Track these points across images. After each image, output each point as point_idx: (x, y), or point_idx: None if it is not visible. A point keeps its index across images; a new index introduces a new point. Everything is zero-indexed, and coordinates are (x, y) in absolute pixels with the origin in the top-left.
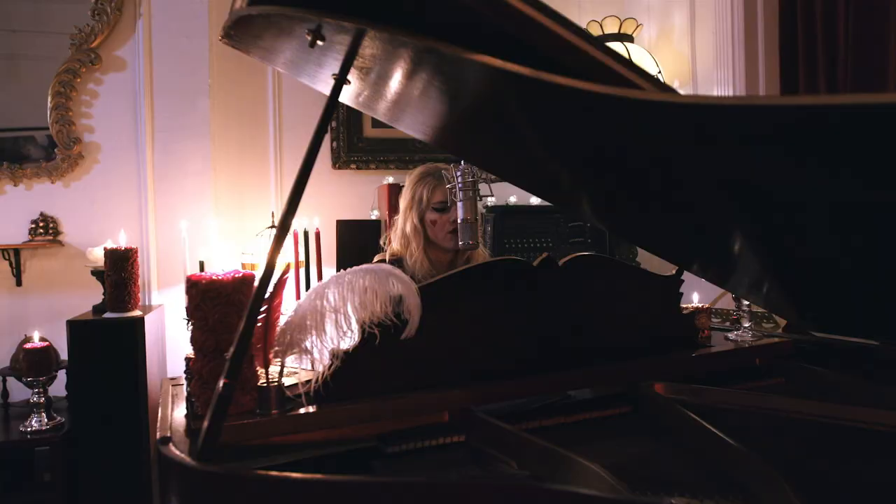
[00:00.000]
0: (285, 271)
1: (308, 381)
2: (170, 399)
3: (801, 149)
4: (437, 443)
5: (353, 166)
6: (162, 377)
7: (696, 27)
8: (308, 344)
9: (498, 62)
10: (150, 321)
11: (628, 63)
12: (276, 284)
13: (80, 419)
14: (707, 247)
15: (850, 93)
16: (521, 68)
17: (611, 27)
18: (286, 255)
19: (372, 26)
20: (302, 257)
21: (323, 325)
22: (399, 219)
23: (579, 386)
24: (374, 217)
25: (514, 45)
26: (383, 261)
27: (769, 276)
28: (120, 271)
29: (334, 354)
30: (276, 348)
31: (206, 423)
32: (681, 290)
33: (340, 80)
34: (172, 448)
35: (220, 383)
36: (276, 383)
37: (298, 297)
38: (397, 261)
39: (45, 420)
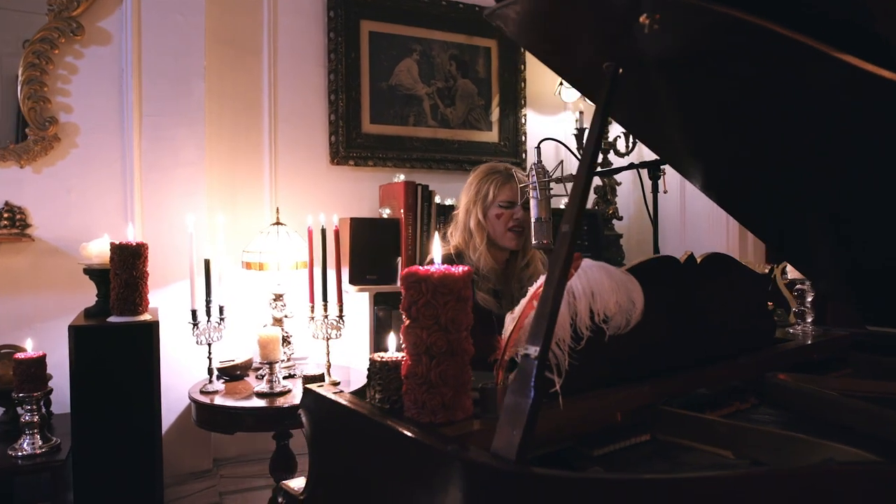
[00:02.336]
0: (575, 266)
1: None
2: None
3: None
4: (630, 442)
5: (351, 162)
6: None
7: None
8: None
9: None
10: None
11: None
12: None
13: (85, 440)
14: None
15: None
16: None
17: None
18: (300, 254)
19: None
20: (306, 257)
21: (566, 321)
22: (460, 213)
23: (727, 379)
24: (385, 215)
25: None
26: (449, 254)
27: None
28: (130, 269)
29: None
30: (514, 347)
31: (524, 425)
32: None
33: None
34: (477, 455)
35: (531, 383)
36: (500, 385)
37: (312, 299)
38: (458, 254)
39: (40, 442)
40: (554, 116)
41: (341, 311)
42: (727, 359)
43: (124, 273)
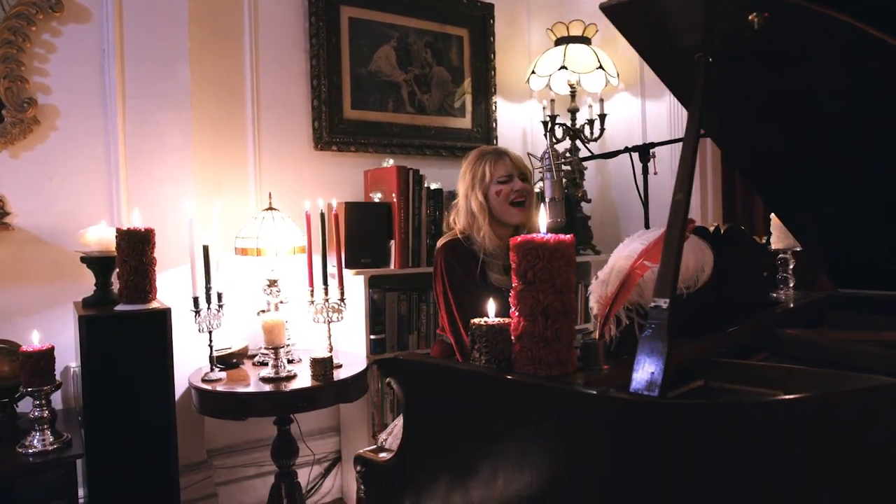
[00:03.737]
0: (689, 230)
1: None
2: None
3: None
4: (688, 388)
5: (334, 148)
6: None
7: None
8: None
9: None
10: None
11: None
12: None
13: (98, 433)
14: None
15: None
16: None
17: (572, 31)
18: (297, 239)
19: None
20: (303, 242)
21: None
22: (460, 200)
23: (750, 337)
24: (377, 199)
25: None
26: (455, 238)
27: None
28: (140, 256)
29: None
30: (616, 305)
31: (663, 365)
32: None
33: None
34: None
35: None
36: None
37: (311, 283)
38: (466, 238)
39: (50, 438)
40: (521, 104)
41: (342, 293)
42: (745, 318)
43: (133, 260)
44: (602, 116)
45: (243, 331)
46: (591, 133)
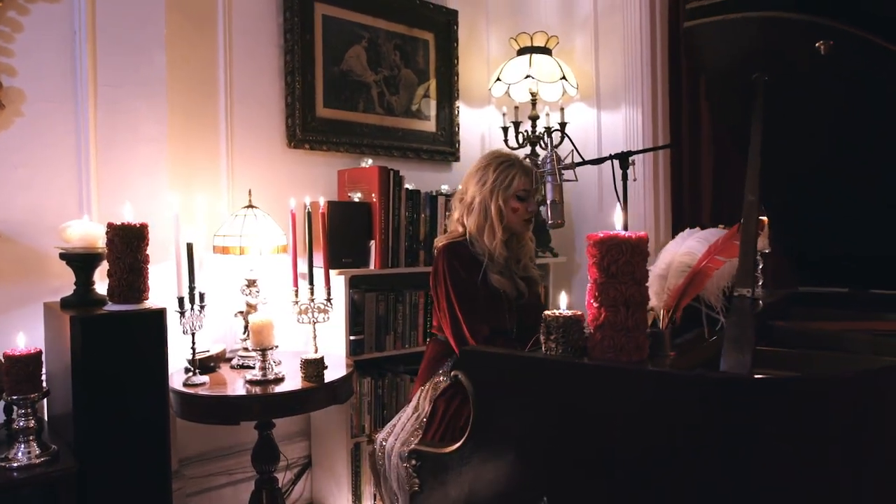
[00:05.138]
0: (761, 227)
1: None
2: None
3: None
4: None
5: (306, 146)
6: None
7: (599, 49)
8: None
9: None
10: None
11: None
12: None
13: (92, 442)
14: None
15: None
16: None
17: (536, 41)
18: (278, 238)
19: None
20: (285, 241)
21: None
22: (475, 199)
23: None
24: (356, 199)
25: None
26: (458, 240)
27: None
28: (135, 252)
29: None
30: (686, 298)
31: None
32: None
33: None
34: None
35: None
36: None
37: (296, 283)
38: (470, 240)
39: (37, 450)
40: (480, 110)
41: (329, 293)
42: None
43: (128, 257)
44: (563, 125)
45: (215, 333)
46: (551, 141)
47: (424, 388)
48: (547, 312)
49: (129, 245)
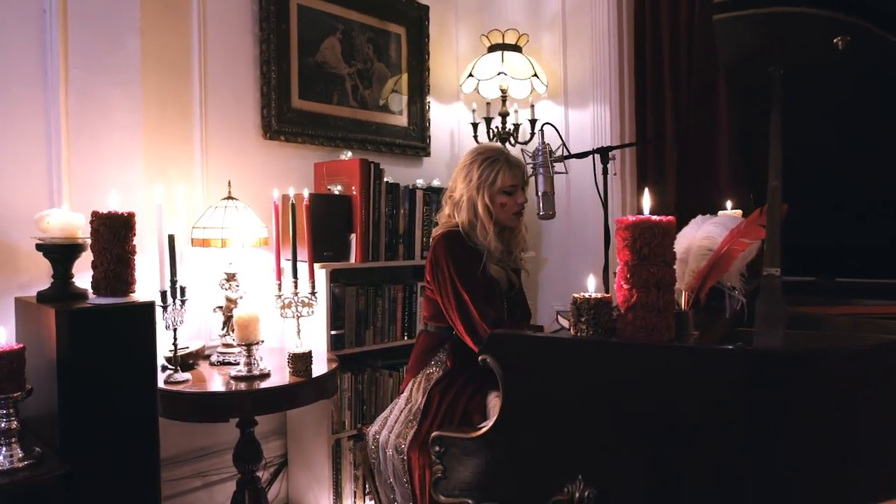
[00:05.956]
0: (783, 212)
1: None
2: None
3: None
4: None
5: (282, 138)
6: None
7: (567, 48)
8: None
9: None
10: None
11: None
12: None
13: (77, 443)
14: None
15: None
16: None
17: (507, 38)
18: (259, 230)
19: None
20: (266, 234)
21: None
22: (463, 195)
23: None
24: (336, 192)
25: None
26: (456, 230)
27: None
28: (122, 243)
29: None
30: (710, 280)
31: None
32: None
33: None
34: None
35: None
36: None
37: (279, 276)
38: (467, 234)
39: (20, 453)
40: (449, 105)
41: (314, 287)
42: None
43: (115, 247)
44: (533, 122)
45: (192, 329)
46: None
47: (416, 380)
48: (576, 294)
49: (115, 235)
